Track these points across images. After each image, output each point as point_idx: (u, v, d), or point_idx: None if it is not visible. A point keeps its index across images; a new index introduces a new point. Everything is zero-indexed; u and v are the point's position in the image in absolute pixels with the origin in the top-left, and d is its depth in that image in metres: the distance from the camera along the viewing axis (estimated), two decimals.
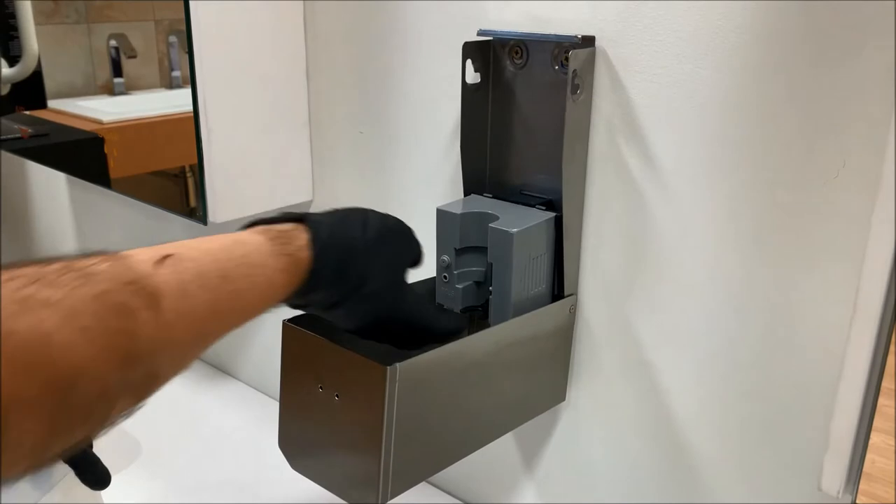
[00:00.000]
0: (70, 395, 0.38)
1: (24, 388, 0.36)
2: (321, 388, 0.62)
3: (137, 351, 0.42)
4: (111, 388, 0.41)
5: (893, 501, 0.63)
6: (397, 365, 0.58)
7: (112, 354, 0.40)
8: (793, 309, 0.64)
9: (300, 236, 0.56)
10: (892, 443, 0.61)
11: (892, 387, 0.58)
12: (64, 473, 0.79)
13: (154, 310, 0.43)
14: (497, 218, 0.70)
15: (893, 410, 0.59)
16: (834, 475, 0.59)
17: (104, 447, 1.13)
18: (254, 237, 0.54)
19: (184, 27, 0.84)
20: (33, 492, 0.77)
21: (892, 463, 0.61)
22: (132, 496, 0.93)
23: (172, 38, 1.34)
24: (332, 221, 0.59)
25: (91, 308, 0.39)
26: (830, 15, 0.57)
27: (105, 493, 0.82)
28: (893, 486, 0.62)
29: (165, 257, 0.46)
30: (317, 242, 0.56)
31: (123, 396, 0.43)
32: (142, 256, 0.45)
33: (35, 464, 0.39)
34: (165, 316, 0.44)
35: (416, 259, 0.65)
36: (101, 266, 0.42)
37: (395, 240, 0.63)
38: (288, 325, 0.64)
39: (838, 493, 0.59)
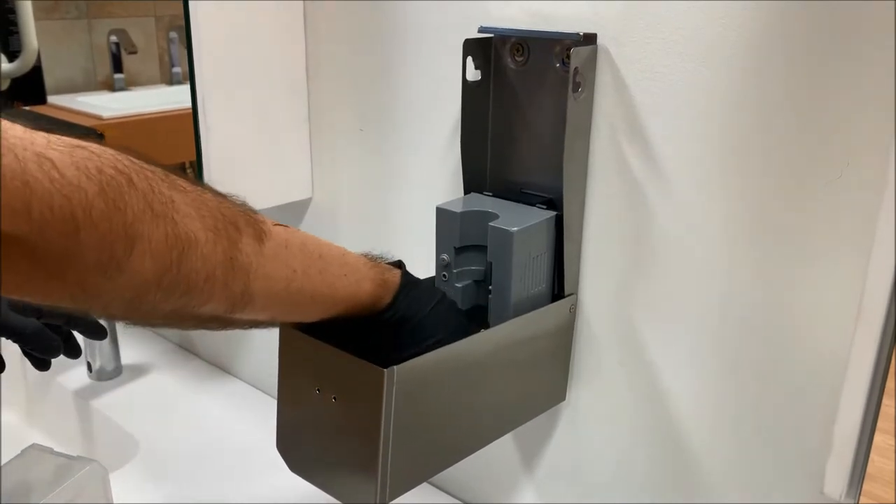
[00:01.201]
0: (182, 260, 0.45)
1: (153, 230, 0.44)
2: (319, 390, 0.61)
3: (238, 259, 0.49)
4: (213, 276, 0.48)
5: (893, 502, 0.63)
6: (395, 367, 0.57)
7: (218, 246, 0.48)
8: (795, 310, 0.63)
9: (394, 269, 0.63)
10: (892, 443, 0.60)
11: (893, 386, 0.57)
12: (68, 475, 0.79)
13: (257, 240, 0.51)
14: (497, 216, 0.70)
15: (894, 410, 0.59)
16: (837, 478, 0.58)
17: (104, 446, 1.13)
18: (354, 252, 0.61)
19: (184, 23, 0.84)
20: (37, 491, 0.77)
21: (892, 463, 0.60)
22: (131, 495, 0.93)
23: (173, 35, 1.33)
24: (422, 280, 0.66)
25: (212, 206, 0.48)
26: (833, 13, 0.56)
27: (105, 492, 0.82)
28: (893, 485, 0.62)
29: (282, 225, 0.54)
30: (406, 278, 0.63)
31: (220, 296, 0.49)
32: (264, 216, 0.53)
33: (133, 305, 0.46)
34: (265, 251, 0.51)
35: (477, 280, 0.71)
36: (231, 199, 0.52)
37: (460, 320, 0.67)
38: (285, 327, 0.63)
39: (841, 496, 0.59)
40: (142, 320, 0.51)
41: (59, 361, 1.24)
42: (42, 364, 0.90)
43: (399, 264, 0.65)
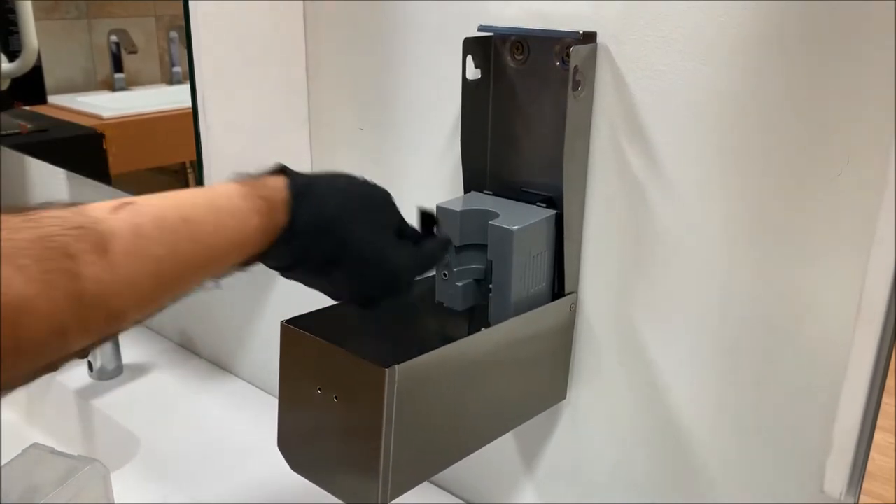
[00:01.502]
0: (18, 330, 0.40)
1: None
2: (320, 389, 0.61)
3: (85, 291, 0.43)
4: (66, 326, 0.42)
5: (893, 501, 0.63)
6: (396, 367, 0.57)
7: (56, 293, 0.41)
8: (795, 308, 0.63)
9: (276, 180, 0.55)
10: (892, 441, 0.60)
11: (893, 384, 0.57)
12: (69, 474, 0.79)
13: (101, 252, 0.44)
14: (497, 215, 0.70)
15: (894, 408, 0.59)
16: (837, 477, 0.58)
17: (104, 445, 1.13)
18: (225, 184, 0.53)
19: (184, 23, 0.84)
20: (38, 491, 0.77)
21: (892, 461, 0.60)
22: (132, 494, 0.93)
23: (173, 34, 1.33)
24: (312, 174, 0.58)
25: (30, 249, 0.41)
26: (833, 12, 0.56)
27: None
28: (893, 484, 0.62)
29: (124, 204, 0.47)
30: (294, 185, 0.55)
31: (82, 335, 0.44)
32: (100, 205, 0.46)
33: None
34: (115, 257, 0.45)
35: (398, 226, 0.62)
36: (50, 212, 0.44)
37: (377, 200, 0.61)
38: (287, 326, 0.64)
39: (841, 494, 0.59)
40: (6, 389, 0.44)
41: None
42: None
43: (283, 170, 0.57)
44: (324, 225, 0.56)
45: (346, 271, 0.59)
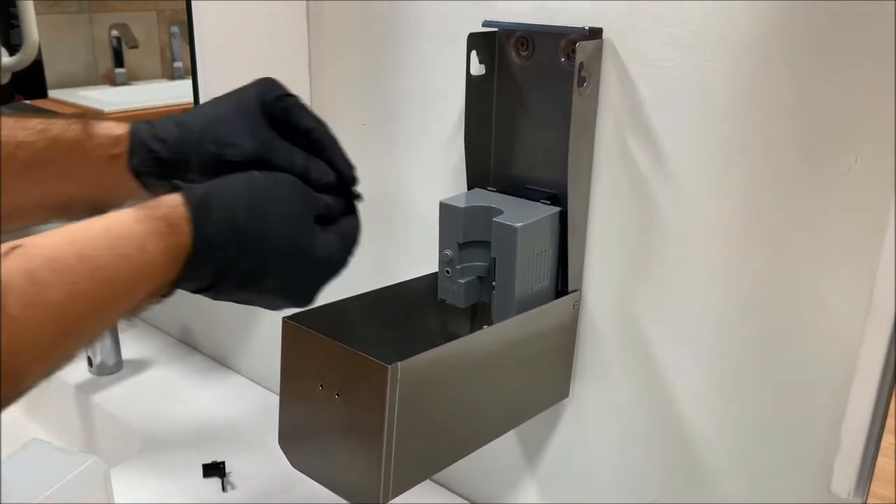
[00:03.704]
0: None
1: None
2: (321, 386, 0.61)
3: None
4: None
5: (894, 502, 0.62)
6: (398, 364, 0.57)
7: None
8: (803, 306, 0.63)
9: (171, 197, 0.51)
10: (893, 441, 0.60)
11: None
12: (68, 470, 0.78)
13: None
14: (501, 212, 0.69)
15: (894, 408, 0.58)
16: (845, 476, 0.58)
17: (104, 440, 1.13)
18: (121, 211, 0.50)
19: (186, 17, 0.84)
20: (38, 487, 0.76)
21: (893, 462, 0.60)
22: (132, 490, 0.92)
23: (174, 29, 1.33)
24: (209, 182, 0.54)
25: None
26: (842, 8, 0.56)
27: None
28: (894, 485, 0.61)
29: (12, 249, 0.43)
30: (192, 197, 0.51)
31: None
32: None
33: None
34: (11, 311, 0.41)
35: (312, 210, 0.58)
36: None
37: (285, 190, 0.56)
38: (288, 322, 0.63)
39: (849, 494, 0.58)
40: None
41: None
42: None
43: (175, 187, 0.53)
44: (236, 232, 0.51)
45: (274, 276, 0.54)
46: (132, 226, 0.48)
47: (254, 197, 0.53)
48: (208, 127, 0.59)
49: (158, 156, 0.59)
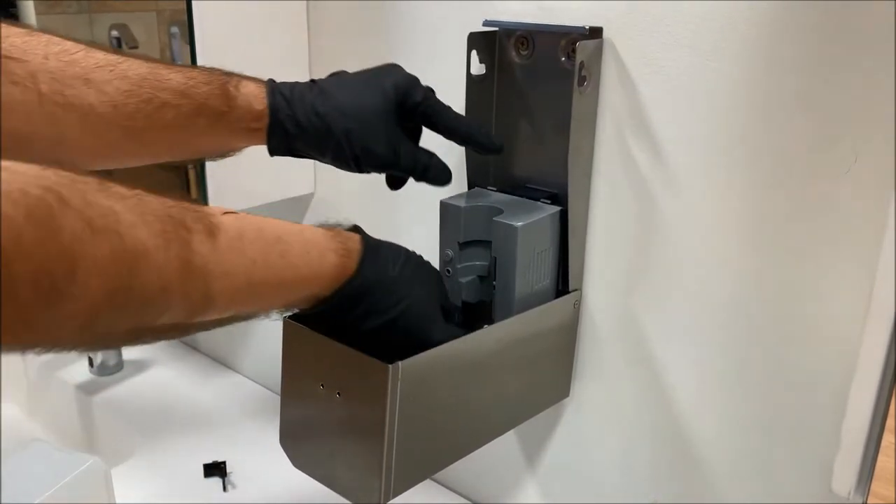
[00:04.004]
0: (133, 273, 0.43)
1: (95, 248, 0.40)
2: (322, 386, 0.61)
3: (193, 262, 0.46)
4: (170, 287, 0.45)
5: (894, 501, 0.62)
6: (399, 363, 0.57)
7: (171, 253, 0.45)
8: (804, 305, 0.63)
9: (352, 235, 0.60)
10: (894, 440, 0.60)
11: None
12: (69, 471, 0.78)
13: (211, 236, 0.48)
14: (501, 211, 0.69)
15: (894, 407, 0.58)
16: (845, 476, 0.58)
17: (103, 441, 1.13)
18: (309, 225, 0.58)
19: (186, 17, 0.84)
20: (38, 487, 0.76)
21: (893, 461, 0.60)
22: (132, 491, 0.92)
23: (174, 29, 1.33)
24: (380, 240, 0.62)
25: (156, 211, 0.45)
26: (842, 7, 0.56)
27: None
28: (893, 484, 0.61)
29: (230, 211, 0.51)
30: (367, 242, 0.60)
31: (178, 304, 0.47)
32: (210, 206, 0.51)
33: (85, 330, 0.43)
34: (220, 247, 0.48)
35: (446, 303, 0.66)
36: (171, 195, 0.48)
37: (432, 274, 0.65)
38: (289, 322, 0.63)
39: (849, 493, 0.58)
40: (97, 345, 0.47)
41: (60, 358, 1.24)
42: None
43: (356, 229, 0.62)
44: (387, 285, 0.59)
45: (394, 335, 0.61)
46: (321, 237, 0.57)
47: (407, 265, 0.61)
48: (348, 126, 0.65)
49: (295, 144, 0.66)
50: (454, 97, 0.78)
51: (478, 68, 0.74)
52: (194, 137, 0.64)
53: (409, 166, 0.68)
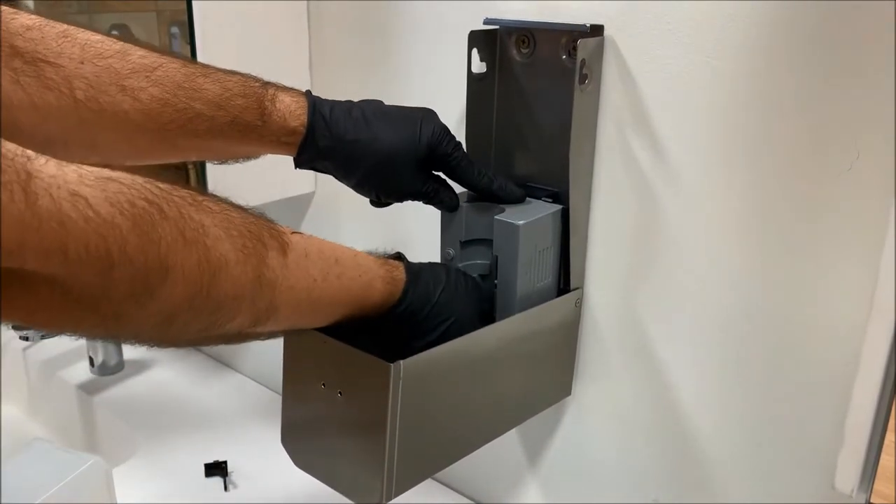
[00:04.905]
0: (213, 282, 0.46)
1: (185, 258, 0.44)
2: (324, 385, 0.61)
3: (265, 275, 0.50)
4: (242, 295, 0.49)
5: (894, 500, 0.62)
6: (401, 362, 0.57)
7: (248, 266, 0.49)
8: (806, 303, 0.62)
9: (397, 264, 0.63)
10: (893, 439, 0.60)
11: None
12: (70, 471, 0.78)
13: (282, 253, 0.52)
14: (503, 210, 0.69)
15: (894, 405, 0.58)
16: (848, 473, 0.58)
17: (104, 441, 1.13)
18: (363, 252, 0.61)
19: (186, 18, 0.83)
20: (39, 487, 0.76)
21: (893, 459, 0.59)
22: (133, 490, 0.92)
23: (174, 30, 1.33)
24: (419, 264, 0.66)
25: (240, 226, 0.49)
26: (844, 5, 0.55)
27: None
28: (894, 482, 0.61)
29: (295, 231, 0.55)
30: (410, 271, 0.63)
31: (247, 312, 0.50)
32: (281, 225, 0.54)
33: (163, 328, 0.47)
34: (289, 263, 0.52)
35: (487, 311, 0.70)
36: (251, 210, 0.52)
37: (472, 292, 0.68)
38: None
39: (852, 491, 0.58)
40: (169, 342, 0.52)
41: (61, 358, 1.24)
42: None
43: (399, 257, 0.65)
44: (427, 310, 0.63)
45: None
46: (371, 264, 0.60)
47: (445, 291, 0.64)
48: (380, 163, 0.67)
49: (321, 162, 0.68)
50: (455, 96, 0.78)
51: (478, 67, 0.73)
52: (225, 145, 0.66)
53: (422, 197, 0.71)
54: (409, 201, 0.71)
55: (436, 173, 0.71)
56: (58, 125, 0.57)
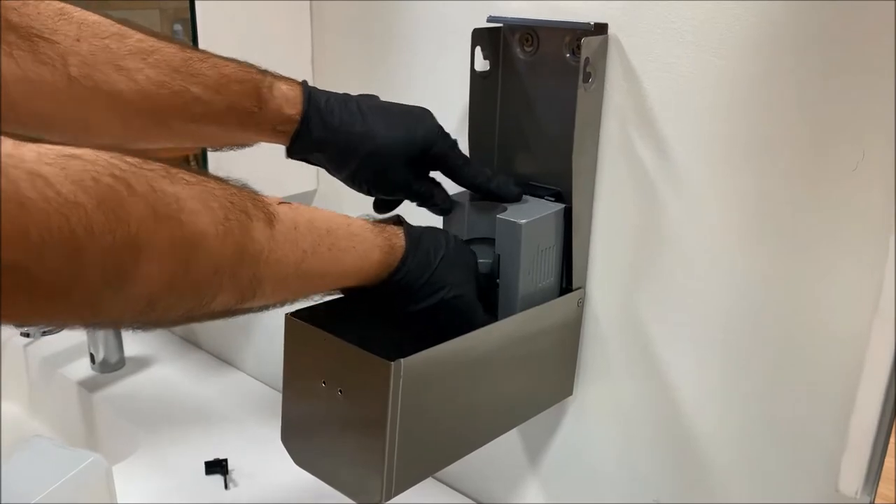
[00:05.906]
0: (190, 259, 0.44)
1: (156, 236, 0.42)
2: (324, 383, 0.61)
3: (248, 248, 0.48)
4: (223, 270, 0.47)
5: (894, 501, 0.62)
6: (401, 361, 0.57)
7: (228, 239, 0.46)
8: (809, 303, 0.62)
9: (396, 230, 0.62)
10: (893, 440, 0.59)
11: None
12: (70, 467, 0.78)
13: (268, 225, 0.50)
14: (505, 209, 0.69)
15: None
16: (852, 475, 0.57)
17: (105, 438, 1.12)
18: (357, 217, 0.60)
19: (189, 15, 0.83)
20: (40, 484, 0.76)
21: (893, 460, 0.59)
22: (133, 487, 0.92)
23: (177, 27, 1.32)
24: (418, 228, 0.64)
25: (219, 198, 0.46)
26: (847, 4, 0.55)
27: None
28: (894, 483, 0.61)
29: (284, 202, 0.53)
30: (410, 238, 0.62)
31: (229, 288, 0.48)
32: (267, 196, 0.52)
33: (144, 312, 0.45)
34: (276, 235, 0.50)
35: (484, 273, 0.69)
36: (232, 181, 0.50)
37: (469, 260, 0.67)
38: (291, 318, 0.63)
39: (856, 493, 0.58)
40: (152, 325, 0.49)
41: (61, 355, 1.24)
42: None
43: (398, 220, 0.64)
44: (427, 276, 0.62)
45: (438, 323, 0.64)
46: (367, 233, 0.59)
47: (447, 254, 0.64)
48: (373, 156, 0.67)
49: (314, 153, 0.68)
50: (458, 94, 0.78)
51: (482, 64, 0.73)
52: (220, 131, 0.65)
53: (416, 198, 0.71)
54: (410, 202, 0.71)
55: (431, 175, 0.71)
56: (51, 101, 0.56)
